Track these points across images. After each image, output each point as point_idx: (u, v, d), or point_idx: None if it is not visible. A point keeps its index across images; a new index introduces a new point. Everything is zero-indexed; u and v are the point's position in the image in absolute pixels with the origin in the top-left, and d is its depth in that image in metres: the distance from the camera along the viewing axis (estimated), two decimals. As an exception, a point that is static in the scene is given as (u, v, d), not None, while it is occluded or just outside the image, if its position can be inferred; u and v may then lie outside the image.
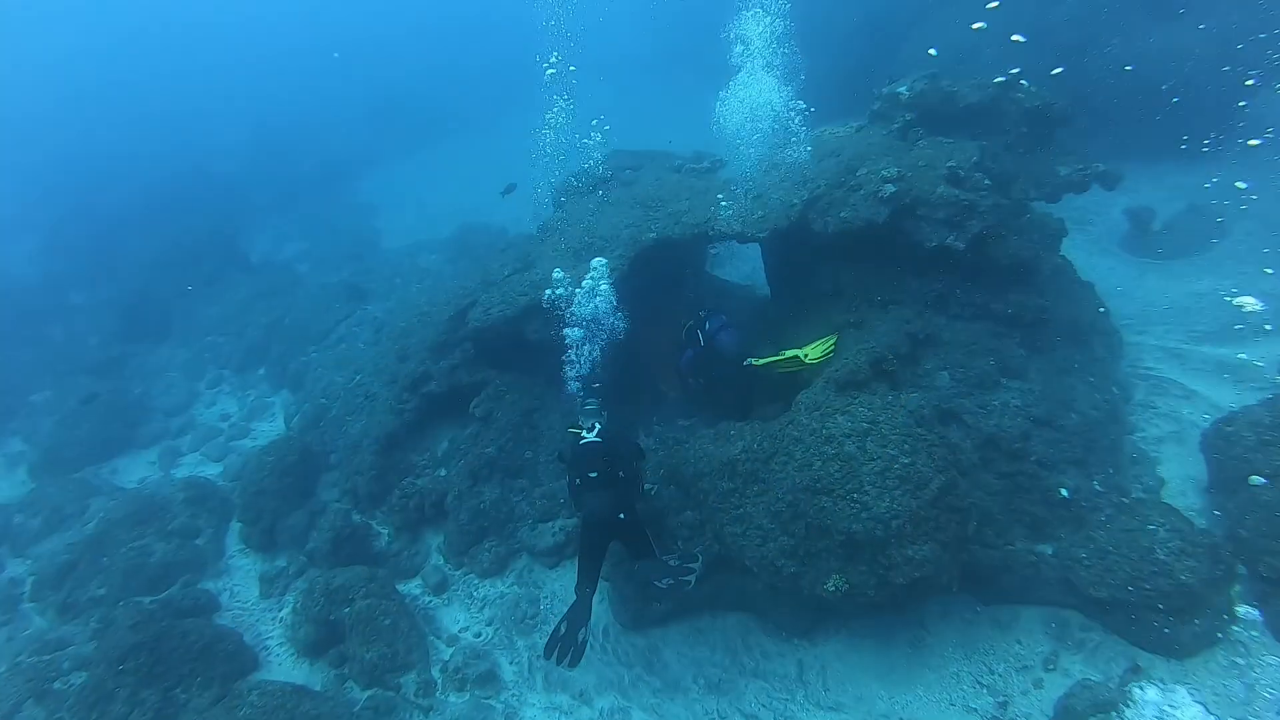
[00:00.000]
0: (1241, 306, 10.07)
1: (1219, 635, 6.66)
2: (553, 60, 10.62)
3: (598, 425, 7.59)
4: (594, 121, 10.90)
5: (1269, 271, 10.78)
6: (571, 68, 10.62)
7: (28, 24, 45.61)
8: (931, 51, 11.33)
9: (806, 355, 8.28)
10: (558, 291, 8.91)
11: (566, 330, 8.67)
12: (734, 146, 9.71)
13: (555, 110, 10.39)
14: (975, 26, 11.54)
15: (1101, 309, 9.86)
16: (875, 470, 6.42)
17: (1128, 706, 6.19)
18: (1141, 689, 6.31)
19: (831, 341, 8.47)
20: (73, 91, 37.12)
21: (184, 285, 18.89)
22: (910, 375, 8.11)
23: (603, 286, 8.71)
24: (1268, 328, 9.93)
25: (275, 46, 40.91)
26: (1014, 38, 11.94)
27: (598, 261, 8.99)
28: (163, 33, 42.48)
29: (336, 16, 43.47)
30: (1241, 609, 6.77)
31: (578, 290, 8.74)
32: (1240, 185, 11.92)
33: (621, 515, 7.06)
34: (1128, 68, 13.51)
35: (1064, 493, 7.56)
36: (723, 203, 9.47)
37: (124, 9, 45.67)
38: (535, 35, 11.04)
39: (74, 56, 41.94)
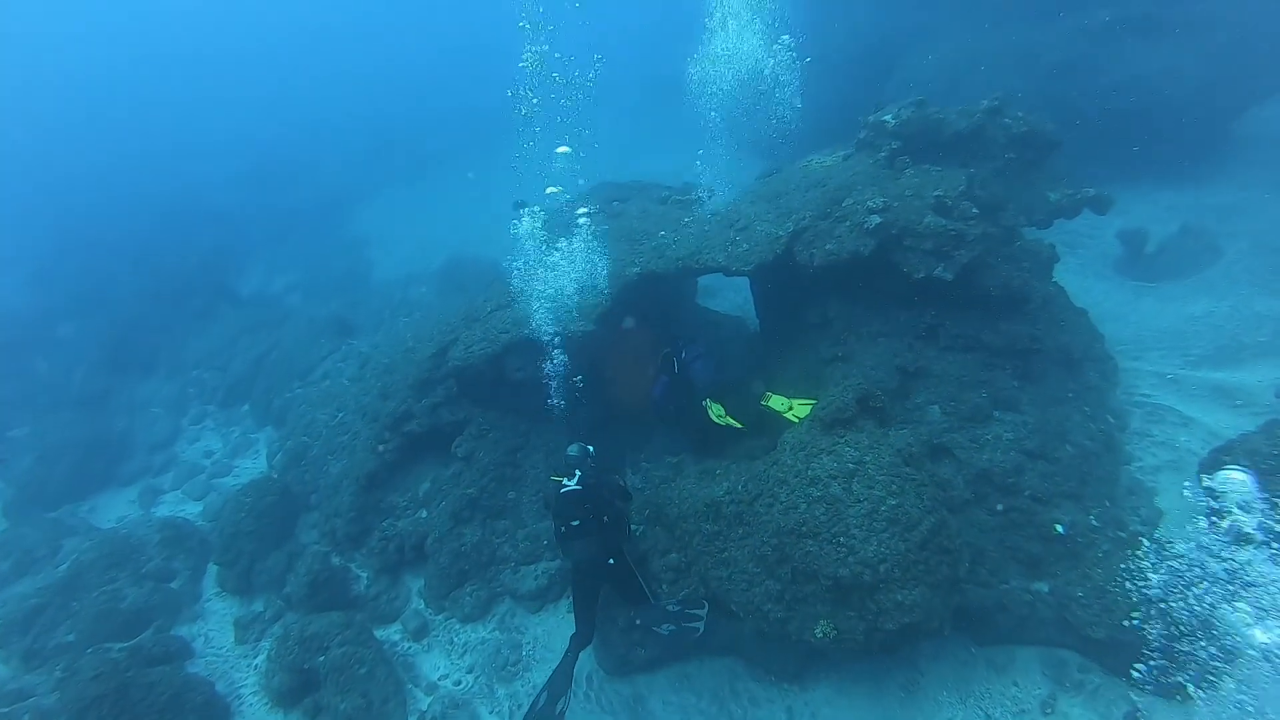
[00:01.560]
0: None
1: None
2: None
3: (578, 472, 7.34)
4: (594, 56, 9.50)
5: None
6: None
7: (29, 46, 46.06)
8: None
9: (792, 410, 8.11)
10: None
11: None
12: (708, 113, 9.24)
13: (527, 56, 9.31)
14: None
15: (1095, 335, 9.68)
16: (862, 512, 6.19)
17: None
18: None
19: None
20: (73, 117, 37.38)
21: (173, 319, 18.69)
22: (900, 410, 7.93)
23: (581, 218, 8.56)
24: (1263, 339, 9.80)
25: (275, 76, 41.31)
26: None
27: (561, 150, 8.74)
28: (164, 61, 42.91)
29: (337, 49, 43.90)
30: None
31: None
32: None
33: (610, 560, 6.96)
34: (1115, 91, 13.45)
35: (1059, 528, 7.36)
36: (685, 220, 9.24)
37: (124, 34, 46.16)
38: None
39: (75, 83, 42.30)
